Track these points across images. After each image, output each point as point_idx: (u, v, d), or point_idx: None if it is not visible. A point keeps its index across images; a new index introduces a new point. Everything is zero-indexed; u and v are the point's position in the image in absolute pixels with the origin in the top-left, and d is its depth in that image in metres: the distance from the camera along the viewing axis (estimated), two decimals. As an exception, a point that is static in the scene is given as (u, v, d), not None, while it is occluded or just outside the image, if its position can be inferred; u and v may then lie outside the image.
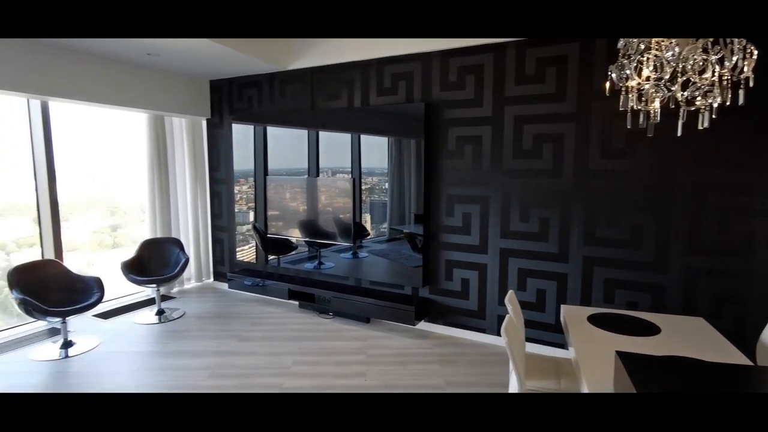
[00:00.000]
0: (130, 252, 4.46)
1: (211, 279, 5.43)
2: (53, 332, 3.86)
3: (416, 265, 3.89)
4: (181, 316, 4.29)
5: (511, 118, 3.47)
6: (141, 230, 5.09)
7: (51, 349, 3.50)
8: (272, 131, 4.69)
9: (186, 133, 5.03)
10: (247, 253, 5.07)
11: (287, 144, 4.63)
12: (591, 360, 1.93)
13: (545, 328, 3.50)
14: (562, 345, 3.44)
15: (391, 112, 3.95)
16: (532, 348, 3.49)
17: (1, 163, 3.94)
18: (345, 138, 4.24)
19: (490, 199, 3.63)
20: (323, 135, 4.39)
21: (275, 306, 4.65)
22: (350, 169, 4.22)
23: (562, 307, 2.56)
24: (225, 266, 5.30)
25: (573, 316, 2.47)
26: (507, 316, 2.07)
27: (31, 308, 3.20)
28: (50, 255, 4.00)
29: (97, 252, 4.88)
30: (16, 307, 3.28)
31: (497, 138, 3.54)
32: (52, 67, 3.66)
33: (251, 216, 4.98)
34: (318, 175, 4.45)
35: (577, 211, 3.30)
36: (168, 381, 3.06)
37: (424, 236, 3.86)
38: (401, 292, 4.12)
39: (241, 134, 4.89)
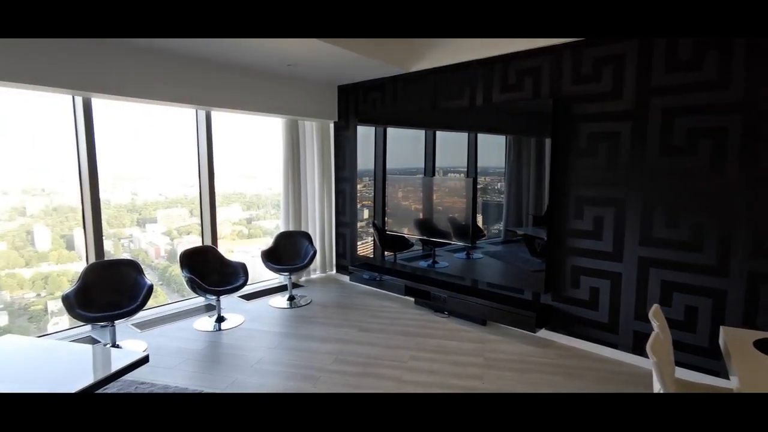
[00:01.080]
0: (262, 242, 5.02)
1: (334, 271, 5.84)
2: (209, 308, 4.53)
3: (536, 270, 3.70)
4: (308, 303, 4.70)
5: (658, 111, 3.09)
6: (271, 223, 5.69)
7: (208, 322, 4.12)
8: (391, 132, 4.86)
9: (316, 135, 5.47)
10: (363, 248, 5.34)
11: (404, 144, 4.76)
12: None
13: (696, 352, 3.06)
14: (718, 372, 2.97)
15: (514, 110, 3.81)
16: (681, 373, 3.07)
17: (172, 164, 4.75)
18: (460, 137, 4.22)
19: (627, 202, 3.28)
20: (439, 134, 4.42)
21: (391, 301, 4.82)
22: (465, 169, 4.18)
23: (722, 329, 2.21)
24: (346, 260, 5.66)
25: (735, 340, 2.12)
26: (653, 332, 1.86)
27: (195, 286, 3.80)
28: (208, 242, 4.70)
29: (235, 241, 5.58)
30: (185, 284, 3.92)
31: (639, 134, 3.19)
32: (216, 83, 4.28)
33: (365, 213, 5.25)
34: (434, 175, 4.49)
35: (742, 218, 2.81)
36: (299, 361, 3.38)
37: (548, 239, 3.64)
38: (520, 296, 3.96)
39: (363, 135, 5.16)
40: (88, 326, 3.91)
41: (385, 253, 5.07)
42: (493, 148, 4.00)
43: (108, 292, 3.49)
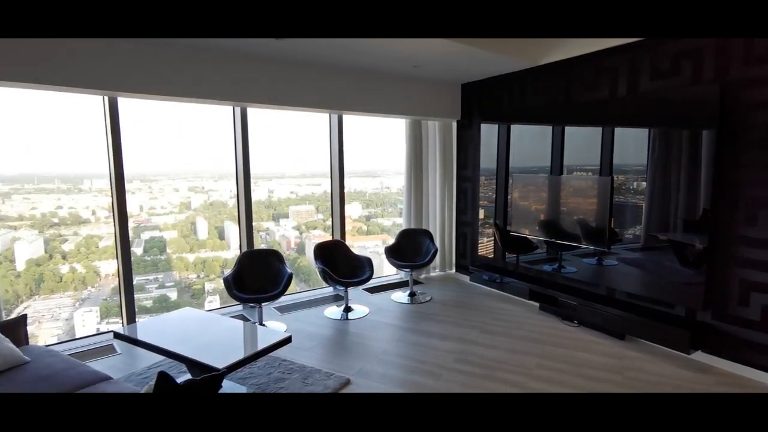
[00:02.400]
0: (380, 239, 5.23)
1: (453, 270, 5.82)
2: (336, 298, 4.88)
3: (689, 282, 3.22)
4: (428, 300, 4.77)
5: None
6: (388, 221, 5.89)
7: (336, 311, 4.44)
8: (514, 129, 4.67)
9: (438, 134, 5.52)
10: (482, 248, 5.23)
11: (529, 141, 4.54)
12: None
13: None
14: None
15: (666, 99, 3.37)
16: None
17: (303, 165, 5.23)
18: (592, 132, 3.86)
19: (824, 206, 2.67)
20: (568, 130, 4.11)
21: (514, 304, 4.64)
22: (596, 166, 3.83)
23: None
24: (466, 259, 5.60)
25: None
26: None
27: (327, 277, 4.13)
28: (337, 237, 5.07)
29: (354, 237, 5.90)
30: (312, 274, 4.28)
31: None
32: (346, 88, 4.59)
33: (480, 213, 5.13)
34: (562, 173, 4.19)
35: None
36: (421, 356, 3.45)
37: (707, 248, 3.14)
38: (669, 311, 3.48)
39: (486, 133, 5.04)
40: (239, 305, 4.51)
41: (506, 254, 4.90)
42: (631, 144, 3.59)
43: (256, 277, 3.99)
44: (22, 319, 2.64)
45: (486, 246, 5.22)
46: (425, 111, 5.20)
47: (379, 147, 5.79)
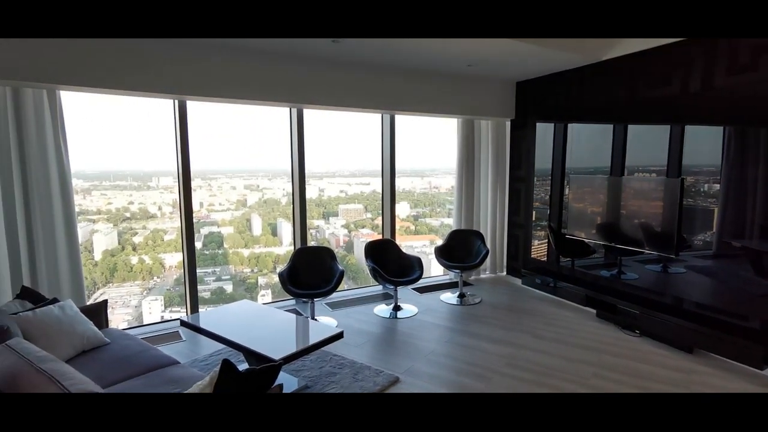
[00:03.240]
0: (427, 239, 5.20)
1: (504, 272, 5.70)
2: (385, 296, 4.92)
3: (766, 293, 2.96)
4: (478, 302, 4.70)
5: None
6: (436, 221, 5.85)
7: (385, 309, 4.48)
8: (572, 128, 4.49)
9: (491, 134, 5.41)
10: (535, 250, 5.08)
11: (587, 140, 4.35)
12: None
13: None
14: None
15: (745, 95, 3.11)
16: None
17: (353, 164, 5.31)
18: (658, 131, 3.64)
19: None
20: (631, 128, 3.90)
21: (568, 309, 4.47)
22: (664, 167, 3.60)
23: None
24: (518, 262, 5.46)
25: None
26: None
27: (378, 275, 4.18)
28: (387, 236, 5.11)
29: (402, 237, 5.91)
30: (359, 272, 4.34)
31: None
32: (399, 89, 4.62)
33: (534, 215, 4.97)
34: (623, 174, 3.98)
35: None
36: (470, 358, 3.41)
37: (793, 257, 2.88)
38: (743, 323, 3.22)
39: (541, 133, 4.89)
40: (291, 300, 4.66)
41: (561, 257, 4.73)
42: (702, 143, 3.36)
43: (310, 273, 4.11)
44: (103, 305, 2.89)
45: (539, 248, 5.07)
46: (479, 110, 5.13)
47: (428, 146, 5.77)
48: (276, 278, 4.16)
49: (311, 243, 4.84)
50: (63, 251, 3.41)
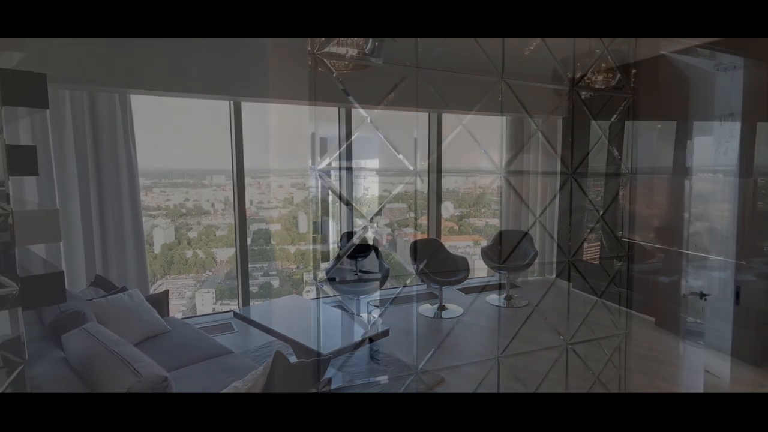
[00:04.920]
0: (471, 239, 5.12)
1: (554, 275, 5.52)
2: (430, 296, 4.89)
3: None
4: (525, 305, 4.58)
5: None
6: (480, 221, 5.74)
7: (430, 308, 4.46)
8: (629, 125, 4.27)
9: (540, 132, 5.25)
10: (587, 253, 4.87)
11: (647, 139, 4.11)
12: None
13: None
14: None
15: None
16: None
17: (395, 164, 5.30)
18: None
19: None
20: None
21: (622, 316, 4.25)
22: (733, 166, 3.33)
23: None
24: (568, 265, 5.26)
25: None
26: None
27: (423, 275, 4.18)
28: (432, 235, 5.09)
29: (445, 237, 5.84)
30: (403, 271, 4.35)
31: None
32: (445, 87, 4.57)
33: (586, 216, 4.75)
34: (687, 174, 3.74)
35: None
36: (519, 362, 3.32)
37: None
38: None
39: (595, 131, 4.68)
40: (336, 296, 4.74)
41: (614, 261, 4.51)
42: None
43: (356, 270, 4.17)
44: (165, 295, 3.08)
45: (591, 251, 4.86)
46: (529, 108, 4.98)
47: (473, 146, 5.68)
48: (321, 274, 4.25)
49: (354, 241, 4.89)
50: (131, 244, 3.66)
